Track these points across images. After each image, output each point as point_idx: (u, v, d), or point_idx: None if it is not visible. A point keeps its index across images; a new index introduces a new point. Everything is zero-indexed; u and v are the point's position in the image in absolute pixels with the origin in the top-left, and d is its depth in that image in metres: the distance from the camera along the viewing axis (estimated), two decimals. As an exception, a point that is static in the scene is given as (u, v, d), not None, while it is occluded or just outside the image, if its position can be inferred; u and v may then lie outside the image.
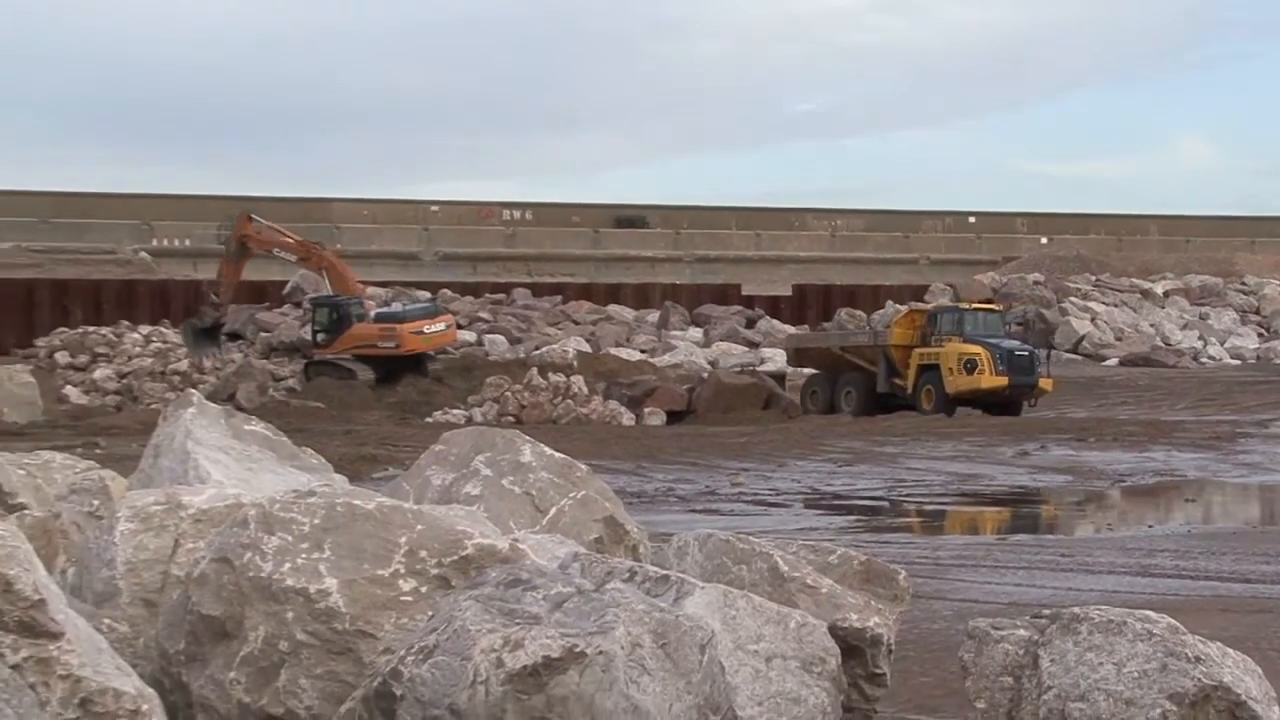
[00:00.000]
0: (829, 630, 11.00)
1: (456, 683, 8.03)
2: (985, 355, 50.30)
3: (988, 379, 50.03)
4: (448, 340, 56.42)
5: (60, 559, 10.94)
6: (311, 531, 9.27)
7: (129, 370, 55.15)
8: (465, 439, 12.86)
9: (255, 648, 9.04)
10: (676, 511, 27.45)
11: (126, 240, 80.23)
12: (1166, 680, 9.74)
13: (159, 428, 13.09)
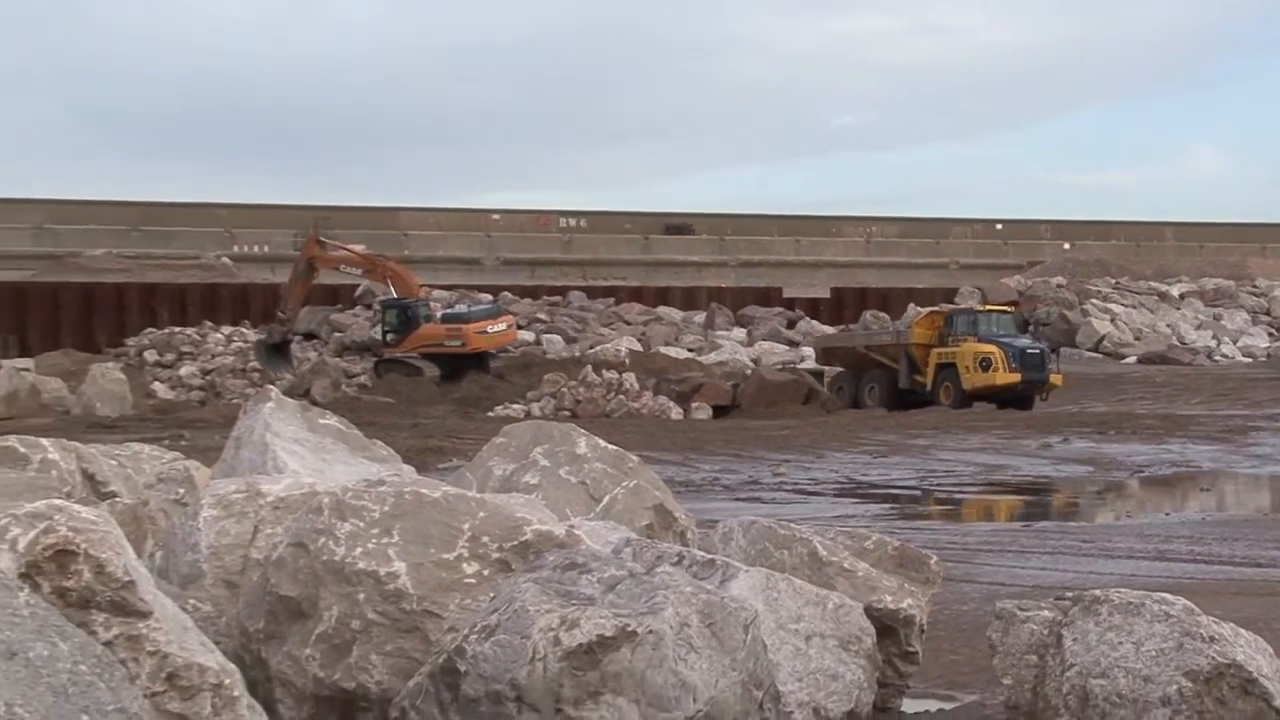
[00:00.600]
0: (865, 611, 10.98)
1: (517, 660, 8.03)
2: (999, 353, 50.47)
3: (1002, 375, 50.17)
4: (508, 339, 56.46)
5: (148, 543, 10.97)
6: (381, 518, 9.28)
7: (212, 368, 55.31)
8: (524, 432, 12.87)
9: (329, 626, 9.06)
10: (722, 500, 27.42)
11: (209, 247, 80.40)
12: (1183, 658, 9.72)
13: (240, 421, 13.12)
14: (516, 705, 7.98)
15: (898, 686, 11.32)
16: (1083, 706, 9.82)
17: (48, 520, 8.27)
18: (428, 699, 8.27)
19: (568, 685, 7.98)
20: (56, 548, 8.13)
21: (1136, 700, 9.70)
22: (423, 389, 51.71)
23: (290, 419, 13.08)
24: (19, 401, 45.92)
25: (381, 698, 8.83)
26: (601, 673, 8.00)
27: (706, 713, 8.11)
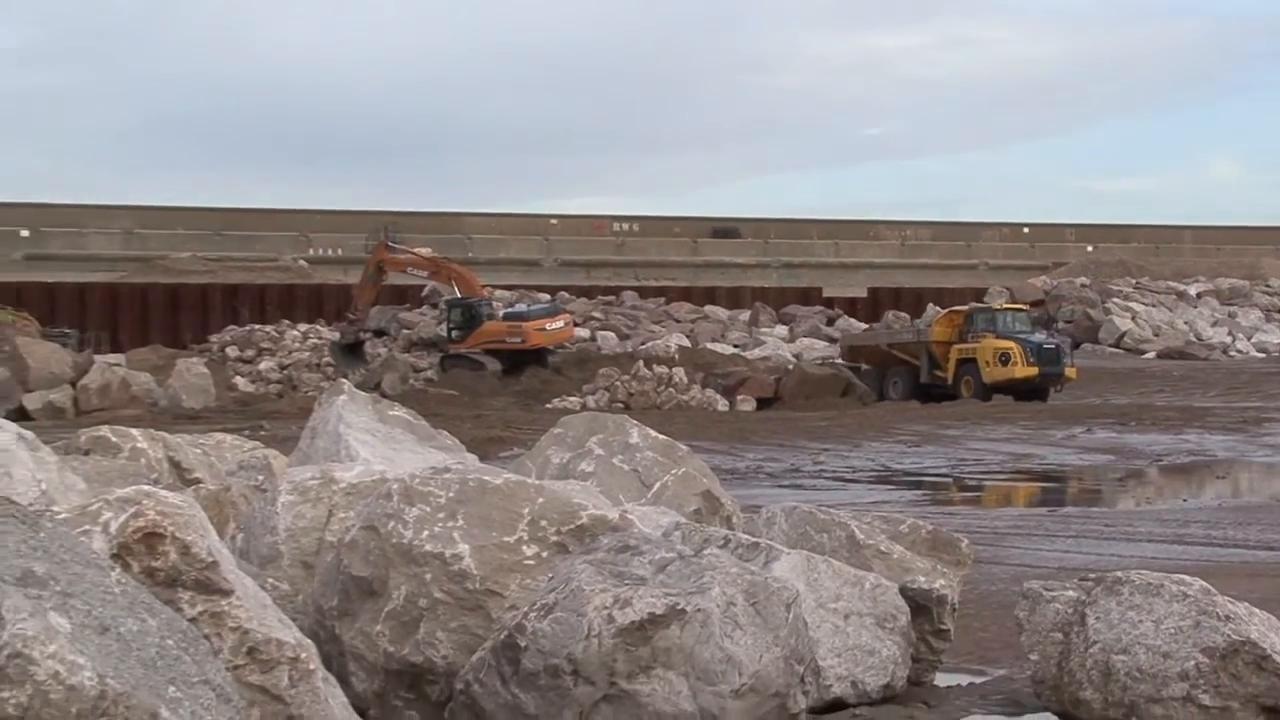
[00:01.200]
0: (900, 591, 10.98)
1: (573, 636, 8.03)
2: (1017, 349, 50.57)
3: (1020, 369, 50.26)
4: (566, 336, 56.50)
5: (230, 526, 11.00)
6: (447, 503, 9.30)
7: (289, 362, 55.50)
8: (580, 423, 12.87)
9: (398, 604, 9.08)
10: (765, 486, 27.41)
11: (287, 250, 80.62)
12: (1199, 636, 9.69)
13: (315, 413, 13.16)
14: (573, 678, 7.99)
15: (931, 662, 11.30)
16: (1105, 681, 9.80)
17: (137, 505, 8.31)
18: (490, 672, 8.28)
19: (621, 660, 7.98)
20: (145, 530, 8.16)
21: (1156, 675, 9.68)
22: (485, 382, 51.81)
23: (362, 411, 13.11)
24: (111, 394, 46.15)
25: (447, 671, 8.85)
26: (653, 648, 8.00)
27: (751, 686, 8.11)
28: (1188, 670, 9.63)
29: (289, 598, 9.52)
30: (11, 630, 6.81)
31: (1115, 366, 65.46)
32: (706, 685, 8.03)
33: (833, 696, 10.27)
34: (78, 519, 8.24)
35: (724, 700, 8.03)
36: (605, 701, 7.99)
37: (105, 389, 46.46)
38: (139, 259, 77.78)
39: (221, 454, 14.02)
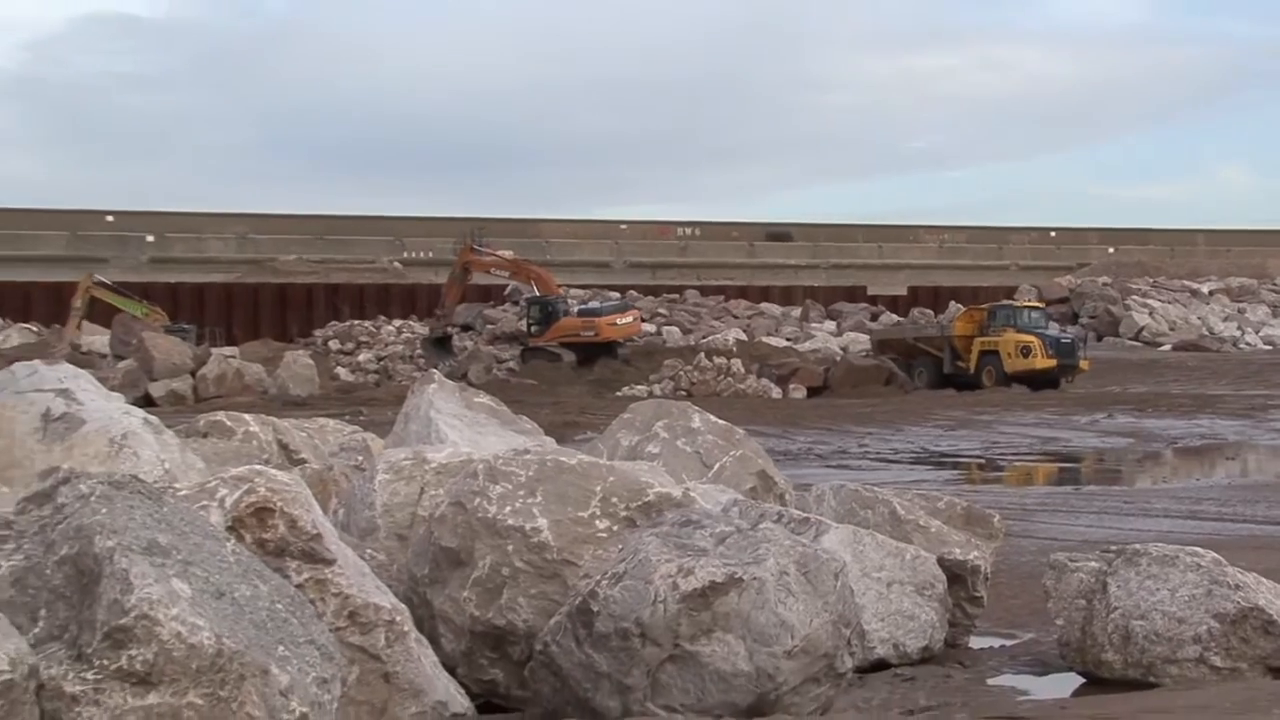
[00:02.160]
0: (937, 562, 10.96)
1: (641, 601, 8.04)
2: (1037, 342, 50.59)
3: (1040, 361, 50.26)
4: (634, 331, 56.52)
5: (332, 502, 11.05)
6: (527, 481, 9.31)
7: (385, 354, 55.70)
8: (647, 409, 12.88)
9: (483, 573, 9.10)
10: (815, 466, 27.39)
11: (383, 253, 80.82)
12: (1211, 603, 9.67)
13: (408, 400, 13.21)
14: (641, 640, 8.00)
15: (965, 626, 11.28)
16: (1125, 643, 9.77)
17: (249, 482, 8.36)
18: (566, 635, 8.30)
19: (684, 623, 7.99)
20: (257, 505, 8.21)
21: (1172, 638, 9.66)
22: (561, 372, 51.93)
23: (450, 398, 13.15)
24: (226, 383, 46.45)
25: (527, 633, 8.87)
26: (713, 613, 8.00)
27: (803, 648, 8.10)
28: (1200, 634, 9.61)
29: (385, 567, 9.56)
30: (139, 594, 6.85)
31: (1134, 358, 65.14)
32: (762, 647, 8.02)
33: (876, 657, 10.27)
34: (197, 495, 8.29)
35: (778, 660, 8.03)
36: (670, 661, 7.99)
37: (221, 378, 46.77)
38: (251, 261, 78.16)
39: (324, 437, 14.08)
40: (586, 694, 8.14)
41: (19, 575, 7.25)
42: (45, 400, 11.43)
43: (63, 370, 12.24)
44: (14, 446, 11.10)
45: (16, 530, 7.46)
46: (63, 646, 6.94)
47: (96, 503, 7.35)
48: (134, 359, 47.79)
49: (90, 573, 7.02)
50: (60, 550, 7.19)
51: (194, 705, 6.82)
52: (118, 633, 6.80)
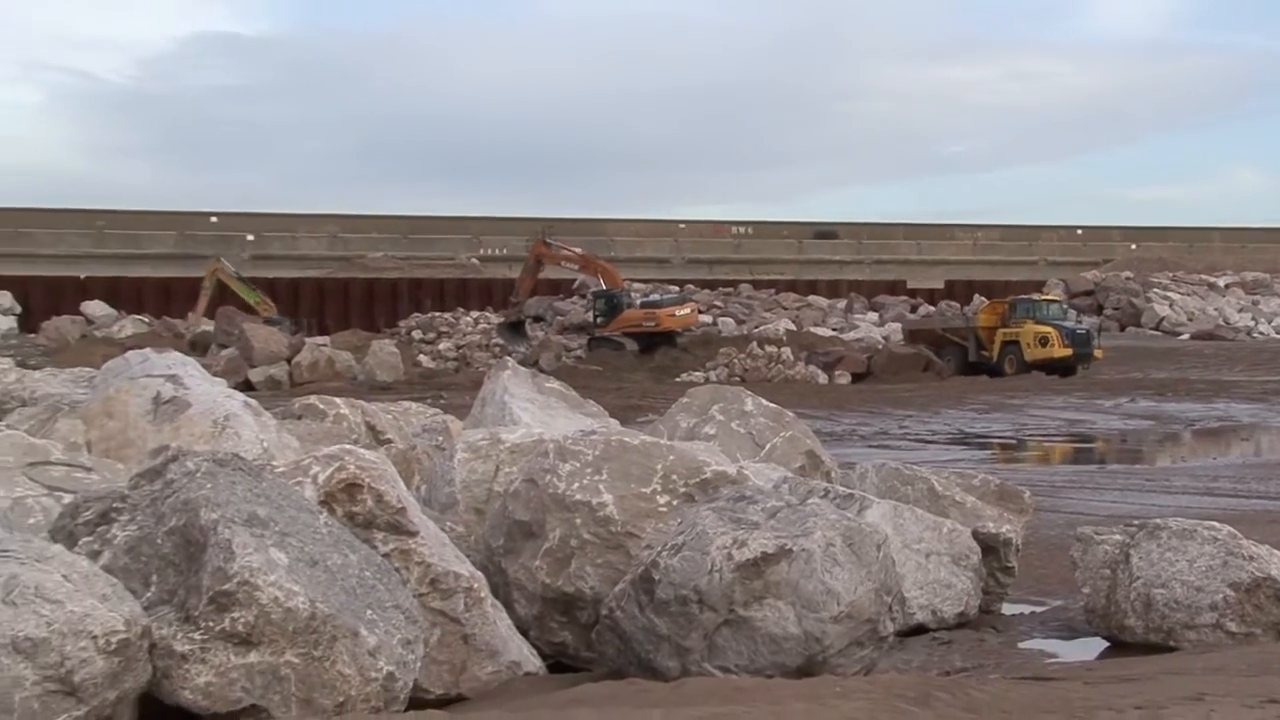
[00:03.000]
0: (972, 534, 10.93)
1: (699, 570, 8.04)
2: (1055, 333, 50.50)
3: (1057, 350, 50.22)
4: (691, 321, 56.42)
5: (415, 478, 11.10)
6: (593, 460, 9.32)
7: (463, 343, 55.73)
8: (704, 393, 12.88)
9: (553, 544, 9.12)
10: (858, 446, 27.31)
11: (461, 250, 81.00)
12: (1227, 573, 9.63)
13: (485, 385, 13.24)
14: (698, 606, 8.00)
15: (998, 594, 11.24)
16: (1146, 610, 9.73)
17: (340, 460, 8.39)
18: (629, 601, 8.30)
19: (739, 591, 7.98)
20: (347, 481, 8.24)
21: (1190, 605, 9.62)
22: (625, 360, 51.91)
23: (523, 383, 13.17)
24: (319, 369, 46.63)
25: (594, 599, 8.88)
26: (765, 581, 7.99)
27: (847, 613, 8.09)
28: (1217, 602, 9.58)
29: (463, 538, 9.59)
30: (240, 562, 6.90)
31: (1155, 346, 64.74)
32: (810, 612, 8.01)
33: (916, 622, 10.25)
34: (292, 472, 8.33)
35: (824, 625, 8.02)
36: (725, 625, 7.99)
37: (314, 365, 46.96)
38: (341, 258, 78.47)
39: (408, 419, 14.12)
40: (648, 655, 8.15)
41: (133, 544, 7.31)
42: (156, 385, 11.51)
43: (171, 358, 12.32)
44: (128, 427, 11.19)
45: (130, 503, 7.52)
46: (172, 609, 6.99)
47: (202, 478, 7.40)
48: (235, 347, 48.04)
49: (196, 542, 7.07)
50: (169, 522, 7.24)
51: (290, 663, 6.87)
52: (221, 597, 6.85)
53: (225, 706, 6.76)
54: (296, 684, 6.86)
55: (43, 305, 68.07)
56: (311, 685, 6.88)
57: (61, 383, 15.07)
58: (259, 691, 6.81)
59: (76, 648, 6.43)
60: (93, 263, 73.47)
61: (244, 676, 6.80)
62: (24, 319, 67.36)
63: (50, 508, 8.51)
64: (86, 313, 67.48)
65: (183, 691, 6.78)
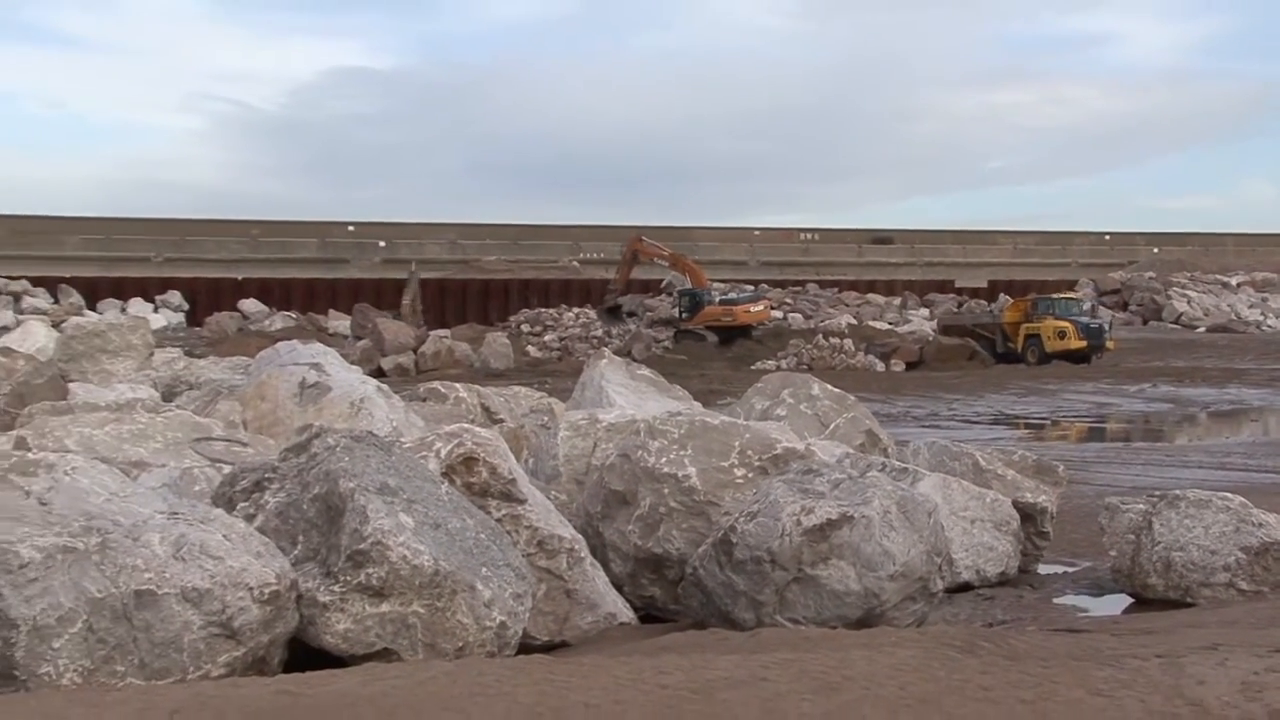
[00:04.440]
0: (1012, 503, 10.85)
1: (771, 534, 8.03)
2: (1071, 328, 50.20)
3: (1074, 342, 49.91)
4: (764, 317, 56.26)
5: (524, 453, 11.13)
6: (679, 438, 9.33)
7: (565, 336, 55.80)
8: (776, 379, 12.86)
9: (644, 511, 9.13)
10: (911, 426, 27.15)
11: (564, 254, 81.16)
12: (1239, 538, 9.55)
13: (584, 372, 13.27)
14: (771, 565, 7.99)
15: (1035, 555, 11.16)
16: (1166, 570, 9.65)
17: (459, 438, 8.44)
18: (710, 560, 8.30)
19: (806, 552, 7.96)
20: (465, 456, 8.29)
21: (1205, 566, 9.54)
22: (706, 350, 51.83)
23: (617, 370, 13.19)
24: (441, 359, 46.87)
25: (679, 559, 8.89)
26: (829, 544, 7.97)
27: (902, 572, 8.06)
28: (1229, 563, 9.51)
29: (566, 505, 9.62)
30: (373, 525, 6.95)
31: (1174, 338, 64.03)
32: (869, 571, 7.98)
33: (962, 580, 10.19)
34: (418, 447, 8.38)
35: (882, 582, 7.99)
36: (795, 582, 7.98)
37: (437, 355, 47.19)
38: (460, 261, 78.76)
39: (518, 401, 14.18)
40: (727, 608, 8.14)
41: (282, 509, 7.39)
42: (301, 372, 11.62)
43: (314, 348, 12.43)
44: (277, 408, 11.31)
45: (280, 474, 7.60)
46: (316, 565, 7.05)
47: (341, 452, 7.46)
48: (369, 339, 48.37)
49: (336, 508, 7.13)
50: (313, 490, 7.31)
51: (417, 613, 6.91)
52: (358, 555, 6.90)
53: (361, 649, 6.82)
54: (422, 631, 6.90)
55: (206, 303, 68.91)
56: (435, 632, 6.92)
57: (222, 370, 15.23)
58: (390, 637, 6.86)
59: (235, 597, 6.50)
60: (248, 266, 74.18)
61: (377, 624, 6.85)
62: (190, 315, 68.21)
63: (213, 477, 8.61)
64: (243, 309, 68.25)
65: (325, 636, 6.84)
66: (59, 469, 7.05)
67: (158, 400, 12.46)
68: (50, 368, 13.16)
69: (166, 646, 6.28)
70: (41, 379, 12.50)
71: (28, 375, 12.50)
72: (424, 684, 5.76)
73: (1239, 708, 5.54)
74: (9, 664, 5.92)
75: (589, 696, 5.53)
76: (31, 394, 12.07)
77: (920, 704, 5.53)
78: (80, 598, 6.11)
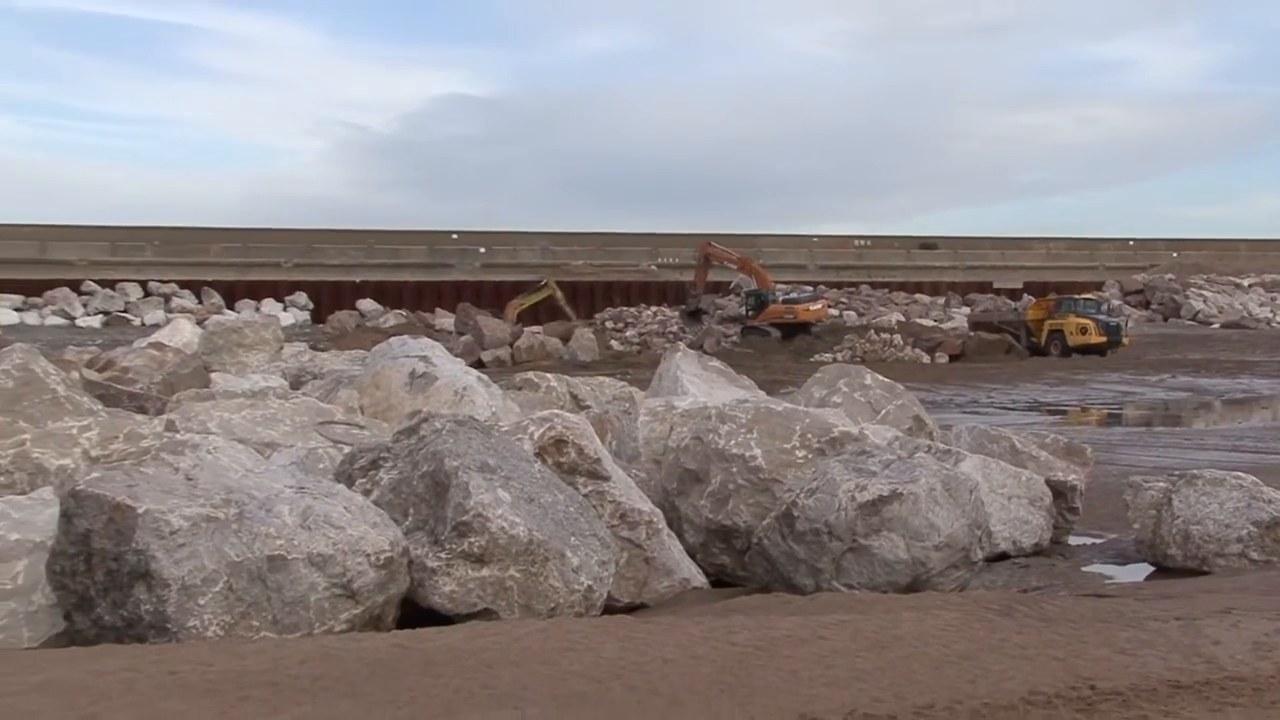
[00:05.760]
0: (1045, 481, 10.76)
1: (829, 509, 8.00)
2: (1092, 324, 49.74)
3: (1095, 338, 49.46)
4: (822, 314, 55.97)
5: (608, 436, 11.16)
6: (746, 422, 9.31)
7: (644, 331, 55.79)
8: (833, 370, 12.80)
9: (715, 487, 9.12)
10: (954, 412, 26.92)
11: (643, 259, 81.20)
12: (1251, 513, 9.46)
13: (661, 363, 13.29)
14: (828, 536, 7.96)
15: (1066, 529, 11.05)
16: (1185, 542, 9.56)
17: (550, 422, 8.46)
18: (774, 532, 8.29)
19: (860, 524, 7.93)
20: (555, 438, 8.31)
21: (1220, 538, 9.45)
22: (770, 344, 51.65)
23: (691, 362, 13.19)
24: (534, 352, 47.01)
25: (746, 530, 8.88)
26: (881, 517, 7.94)
27: (946, 543, 8.01)
28: (1242, 536, 9.43)
29: (645, 482, 9.63)
30: (475, 499, 6.99)
31: (1191, 334, 63.17)
32: (916, 542, 7.94)
33: (999, 551, 10.11)
34: (514, 430, 8.42)
35: (928, 552, 7.95)
36: (850, 551, 7.95)
37: (530, 348, 47.35)
38: (551, 265, 78.98)
39: (602, 390, 14.21)
40: (789, 574, 8.13)
41: (395, 485, 7.44)
42: (411, 364, 11.70)
43: (423, 343, 12.52)
44: (390, 396, 11.40)
45: (392, 454, 7.66)
46: (424, 534, 7.10)
47: (446, 435, 7.50)
48: (470, 335, 48.62)
49: (442, 484, 7.18)
50: (422, 468, 7.36)
51: (513, 577, 6.94)
52: (461, 526, 6.94)
53: (465, 609, 6.86)
54: (518, 593, 6.94)
55: (328, 303, 69.59)
56: (529, 594, 6.95)
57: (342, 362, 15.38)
58: (490, 598, 6.90)
59: (355, 562, 6.56)
60: (365, 270, 74.82)
61: (478, 586, 6.89)
62: (315, 313, 69.00)
63: (334, 456, 8.69)
64: (360, 308, 68.82)
65: (433, 597, 6.89)
66: (203, 448, 7.15)
67: (287, 388, 12.60)
68: (195, 360, 13.33)
69: (295, 605, 6.34)
70: (187, 370, 12.67)
71: (176, 366, 12.68)
72: (520, 639, 5.79)
73: (1251, 665, 5.49)
74: (162, 618, 6.01)
75: (666, 652, 5.54)
76: (179, 382, 12.24)
77: (962, 660, 5.50)
78: (221, 561, 6.19)
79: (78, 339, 43.35)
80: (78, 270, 68.93)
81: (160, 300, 67.15)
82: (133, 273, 69.59)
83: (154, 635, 5.99)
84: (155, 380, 12.22)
